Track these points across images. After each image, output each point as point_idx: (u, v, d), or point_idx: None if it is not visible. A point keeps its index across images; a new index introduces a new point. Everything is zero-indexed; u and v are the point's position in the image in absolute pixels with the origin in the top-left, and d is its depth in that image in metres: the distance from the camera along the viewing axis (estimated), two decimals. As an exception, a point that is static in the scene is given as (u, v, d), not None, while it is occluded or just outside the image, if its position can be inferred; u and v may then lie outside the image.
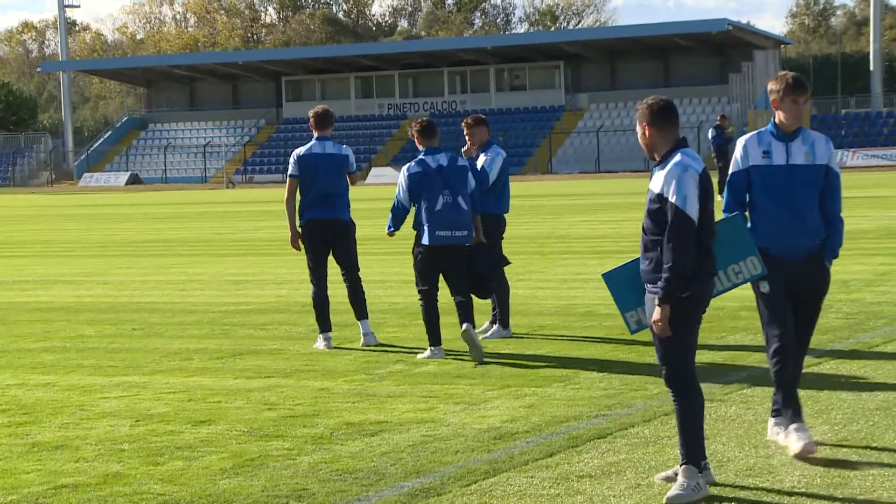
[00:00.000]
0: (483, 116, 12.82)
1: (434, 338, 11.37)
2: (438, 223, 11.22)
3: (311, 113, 12.54)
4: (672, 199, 6.52)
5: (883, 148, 72.66)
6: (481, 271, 11.55)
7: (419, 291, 11.45)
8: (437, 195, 11.25)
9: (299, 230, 12.20)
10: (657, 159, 6.72)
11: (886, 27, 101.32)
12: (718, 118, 36.75)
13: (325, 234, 12.11)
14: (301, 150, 12.27)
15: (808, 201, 7.52)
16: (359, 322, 12.18)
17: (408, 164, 11.56)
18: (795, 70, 61.01)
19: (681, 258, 6.52)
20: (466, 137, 12.67)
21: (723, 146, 35.19)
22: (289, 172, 12.28)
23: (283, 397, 9.66)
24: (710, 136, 35.94)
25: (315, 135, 12.36)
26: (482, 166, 12.43)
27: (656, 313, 6.57)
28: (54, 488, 7.15)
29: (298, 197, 12.22)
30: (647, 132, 6.70)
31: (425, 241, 11.29)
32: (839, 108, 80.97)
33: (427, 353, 11.38)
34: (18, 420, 9.07)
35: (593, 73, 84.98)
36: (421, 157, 11.56)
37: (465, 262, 11.44)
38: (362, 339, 12.08)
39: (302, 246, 12.25)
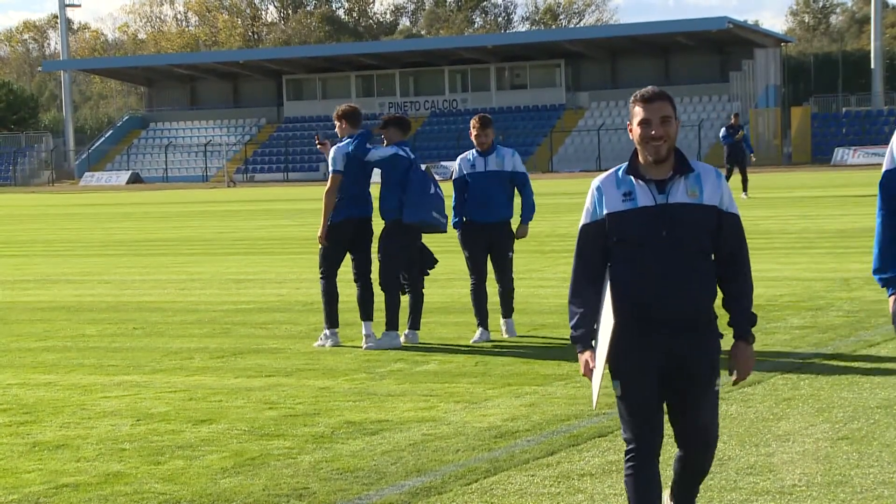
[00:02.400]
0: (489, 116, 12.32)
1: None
2: (431, 206, 11.88)
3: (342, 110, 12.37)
4: (734, 210, 5.39)
5: (884, 146, 72.42)
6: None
7: (394, 278, 12.06)
8: (428, 182, 11.90)
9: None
10: (666, 161, 5.34)
11: (887, 25, 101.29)
12: (732, 117, 35.80)
13: (357, 231, 12.07)
14: (349, 148, 12.09)
15: None
16: (363, 322, 12.14)
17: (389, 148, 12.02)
18: (796, 68, 60.45)
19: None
20: (477, 138, 12.00)
21: (733, 146, 34.52)
22: (335, 168, 12.07)
23: (284, 396, 9.66)
24: (721, 134, 35.32)
25: (354, 133, 12.20)
26: (519, 170, 12.03)
27: (748, 351, 5.52)
28: (55, 488, 7.15)
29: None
30: (677, 126, 5.37)
31: (419, 219, 11.84)
32: (840, 106, 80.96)
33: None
34: (19, 419, 9.07)
35: (594, 72, 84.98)
36: (397, 147, 12.03)
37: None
38: (364, 339, 12.05)
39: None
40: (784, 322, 12.54)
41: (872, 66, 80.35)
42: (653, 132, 5.26)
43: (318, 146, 12.71)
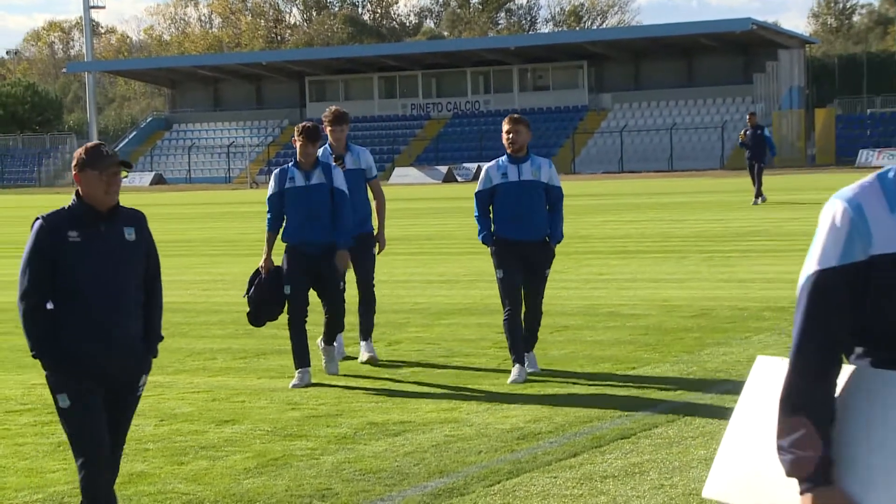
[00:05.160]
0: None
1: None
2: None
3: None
4: None
5: (909, 147, 72.33)
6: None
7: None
8: None
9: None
10: None
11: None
12: (749, 117, 34.28)
13: None
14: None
15: None
16: (366, 342, 11.55)
17: None
18: (820, 70, 58.69)
19: None
20: (508, 135, 10.31)
21: (754, 147, 32.84)
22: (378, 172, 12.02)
23: (307, 397, 9.67)
24: (746, 135, 33.66)
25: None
26: (554, 184, 10.45)
27: None
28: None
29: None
30: None
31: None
32: (864, 107, 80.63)
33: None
34: (44, 419, 9.11)
35: (617, 73, 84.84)
36: None
37: None
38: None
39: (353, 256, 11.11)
40: (808, 324, 12.47)
41: (897, 67, 79.95)
42: None
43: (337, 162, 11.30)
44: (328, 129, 11.42)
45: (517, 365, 10.19)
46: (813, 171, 66.88)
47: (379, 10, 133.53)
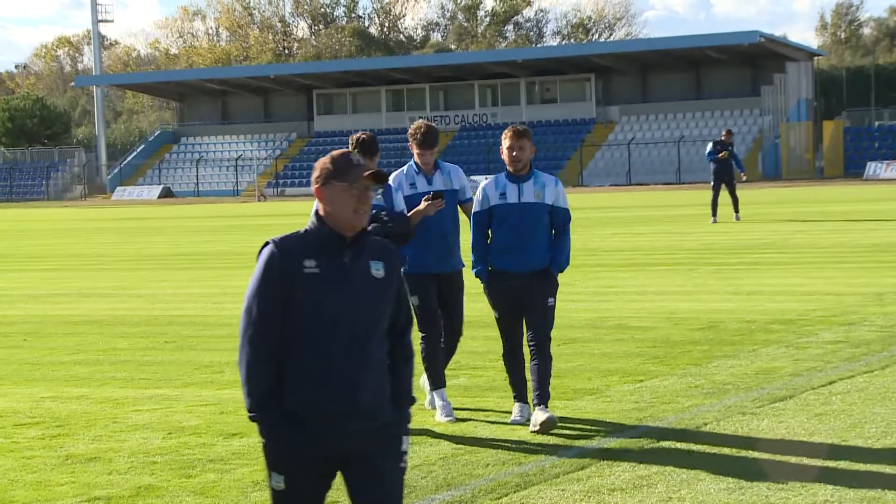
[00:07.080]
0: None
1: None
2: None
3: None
4: None
5: (916, 160, 72.22)
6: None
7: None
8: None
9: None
10: None
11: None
12: (724, 133, 33.81)
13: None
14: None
15: None
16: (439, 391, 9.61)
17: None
18: (828, 82, 58.90)
19: None
20: (510, 151, 9.01)
21: (719, 164, 32.20)
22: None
23: (315, 410, 9.65)
24: (706, 150, 33.24)
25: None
26: (560, 205, 9.08)
27: None
28: (87, 500, 7.19)
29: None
30: None
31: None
32: (873, 119, 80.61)
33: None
34: (52, 432, 9.12)
35: (624, 86, 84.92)
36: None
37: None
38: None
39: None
40: (816, 337, 12.48)
41: (905, 79, 79.88)
42: None
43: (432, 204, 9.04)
44: (417, 150, 9.44)
45: (518, 403, 9.09)
46: (821, 183, 66.82)
47: (386, 24, 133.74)
